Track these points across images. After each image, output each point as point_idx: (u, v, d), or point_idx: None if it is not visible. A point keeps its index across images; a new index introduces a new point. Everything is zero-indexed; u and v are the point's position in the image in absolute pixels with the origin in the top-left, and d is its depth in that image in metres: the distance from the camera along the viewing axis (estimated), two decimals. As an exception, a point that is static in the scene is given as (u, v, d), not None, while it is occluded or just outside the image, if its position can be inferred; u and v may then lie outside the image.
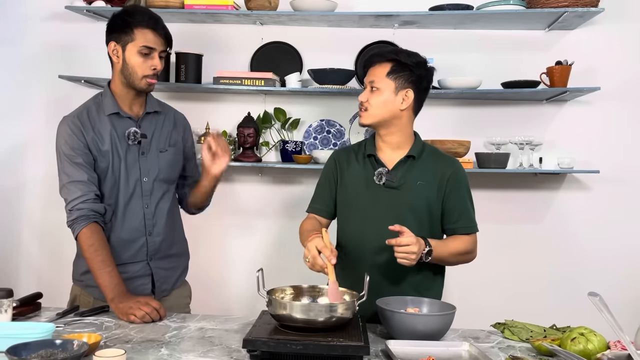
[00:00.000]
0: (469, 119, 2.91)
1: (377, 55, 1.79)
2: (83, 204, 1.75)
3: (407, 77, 1.76)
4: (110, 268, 1.72)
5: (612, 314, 1.18)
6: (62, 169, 1.81)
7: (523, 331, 1.59)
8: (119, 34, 1.81)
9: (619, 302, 1.82)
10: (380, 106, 1.75)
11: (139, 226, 1.86)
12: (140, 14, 1.81)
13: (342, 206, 1.87)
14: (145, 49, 1.79)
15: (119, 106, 1.85)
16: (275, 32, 2.95)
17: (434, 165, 1.82)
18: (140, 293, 1.84)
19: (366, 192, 1.80)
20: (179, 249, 2.00)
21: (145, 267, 1.88)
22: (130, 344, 1.41)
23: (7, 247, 3.04)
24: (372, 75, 1.77)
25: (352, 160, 1.87)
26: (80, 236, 1.74)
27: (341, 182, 1.87)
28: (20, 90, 3.02)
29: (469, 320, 1.74)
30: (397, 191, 1.78)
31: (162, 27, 1.83)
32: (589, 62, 2.82)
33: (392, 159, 1.81)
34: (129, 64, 1.80)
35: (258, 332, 1.36)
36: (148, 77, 1.81)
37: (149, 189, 1.87)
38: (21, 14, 3.01)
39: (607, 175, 2.79)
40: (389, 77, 1.75)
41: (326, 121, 2.94)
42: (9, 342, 1.20)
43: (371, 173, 1.80)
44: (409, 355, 1.35)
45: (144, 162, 1.87)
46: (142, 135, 1.85)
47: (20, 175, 3.05)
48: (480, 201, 2.89)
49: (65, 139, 1.81)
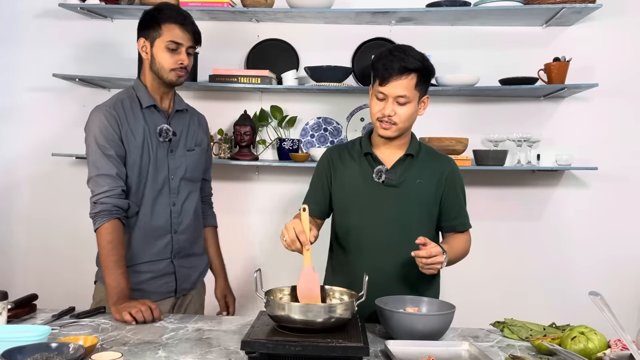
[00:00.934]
0: (467, 116, 2.90)
1: (402, 68, 1.67)
2: (108, 198, 1.74)
3: (428, 84, 1.75)
4: (122, 270, 1.71)
5: (614, 313, 1.17)
6: (92, 161, 1.79)
7: (523, 330, 1.59)
8: (147, 30, 1.83)
9: (617, 300, 1.81)
10: (409, 119, 1.73)
11: (165, 224, 1.86)
12: (169, 10, 1.83)
13: (340, 205, 1.84)
14: (172, 44, 1.80)
15: (153, 98, 1.86)
16: (272, 29, 2.93)
17: (431, 164, 1.82)
18: (164, 291, 1.86)
19: (365, 190, 1.79)
20: (200, 248, 2.01)
21: (169, 265, 1.88)
22: (127, 346, 1.40)
23: (2, 248, 3.01)
24: (400, 88, 1.68)
25: (347, 159, 1.85)
26: (100, 230, 1.73)
27: (336, 181, 1.84)
28: (13, 89, 2.99)
29: (467, 319, 1.73)
30: (396, 189, 1.77)
31: (190, 23, 1.84)
32: (586, 59, 2.81)
33: (390, 157, 1.80)
34: (156, 59, 1.82)
35: (256, 334, 1.35)
36: (175, 70, 1.82)
37: (176, 187, 1.88)
38: (14, 11, 2.98)
39: (605, 171, 2.79)
40: (417, 88, 1.71)
41: (323, 119, 2.93)
42: (3, 346, 1.18)
43: (369, 171, 1.79)
44: (409, 355, 1.34)
45: (172, 159, 1.87)
46: (173, 133, 1.86)
47: (14, 174, 3.02)
48: (478, 198, 2.91)
49: (101, 129, 1.79)
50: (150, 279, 1.84)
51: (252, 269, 2.87)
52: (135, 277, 1.79)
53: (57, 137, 2.96)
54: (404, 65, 1.67)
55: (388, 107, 1.70)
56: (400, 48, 1.73)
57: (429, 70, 1.73)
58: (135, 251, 1.82)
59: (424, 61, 1.71)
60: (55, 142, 2.94)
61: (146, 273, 1.84)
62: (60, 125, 2.98)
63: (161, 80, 1.84)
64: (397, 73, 1.67)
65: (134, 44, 2.74)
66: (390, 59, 1.68)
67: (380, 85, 1.70)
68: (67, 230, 2.99)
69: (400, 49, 1.72)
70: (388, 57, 1.69)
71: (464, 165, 2.68)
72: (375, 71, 1.73)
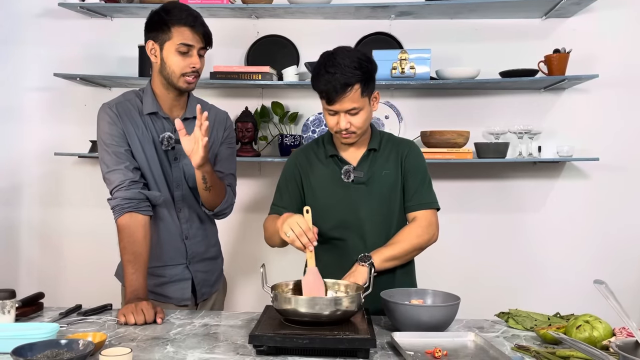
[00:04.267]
0: (468, 109, 2.90)
1: (342, 86, 1.62)
2: (118, 192, 1.73)
3: (373, 83, 1.72)
4: (134, 270, 1.68)
5: (618, 301, 1.17)
6: (101, 159, 1.78)
7: (527, 320, 1.59)
8: (156, 33, 1.75)
9: (620, 289, 1.81)
10: (365, 123, 1.72)
11: (176, 230, 1.85)
12: (179, 11, 1.74)
13: (314, 208, 1.73)
14: (183, 46, 1.73)
15: (159, 105, 1.82)
16: (271, 26, 2.93)
17: (393, 152, 1.82)
18: (180, 297, 1.86)
19: (336, 191, 1.79)
20: (214, 252, 1.99)
21: (185, 271, 1.87)
22: (135, 342, 1.41)
23: (7, 248, 3.02)
24: (347, 103, 1.65)
25: (314, 161, 1.84)
26: (117, 227, 1.73)
27: (307, 186, 1.83)
28: (15, 89, 3.00)
29: (472, 310, 1.74)
30: (366, 186, 1.78)
31: (200, 23, 1.76)
32: (586, 50, 2.81)
33: (355, 155, 1.80)
34: (167, 63, 1.75)
35: (264, 328, 1.35)
36: (187, 74, 1.75)
37: (181, 194, 1.85)
38: (14, 11, 2.98)
39: (607, 162, 2.80)
40: (364, 95, 1.67)
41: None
42: (14, 343, 1.19)
43: (336, 171, 1.79)
44: (416, 346, 1.34)
45: (176, 168, 1.84)
46: (177, 141, 1.79)
47: (17, 174, 3.03)
48: (480, 191, 2.93)
49: (105, 127, 1.78)
50: (166, 282, 1.85)
51: (255, 265, 2.89)
52: (152, 280, 1.79)
53: (60, 137, 2.97)
54: (344, 82, 1.62)
55: (342, 121, 1.68)
56: (335, 61, 1.64)
57: (370, 73, 1.68)
58: (152, 255, 1.79)
59: (361, 66, 1.65)
60: (57, 141, 2.95)
61: (162, 277, 1.84)
62: (63, 125, 2.99)
63: (171, 86, 1.78)
64: (340, 91, 1.63)
65: (134, 42, 2.78)
66: (327, 79, 1.63)
67: (328, 104, 1.67)
68: (71, 230, 3.01)
69: (335, 63, 1.63)
70: (325, 75, 1.64)
71: (466, 158, 2.69)
72: (317, 90, 1.69)
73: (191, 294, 1.89)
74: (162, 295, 1.85)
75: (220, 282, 2.03)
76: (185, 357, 1.30)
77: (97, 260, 2.84)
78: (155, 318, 1.58)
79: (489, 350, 1.33)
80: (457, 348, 1.36)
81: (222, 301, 2.07)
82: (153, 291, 1.82)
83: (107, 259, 2.16)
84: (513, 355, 1.34)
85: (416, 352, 1.31)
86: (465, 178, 2.93)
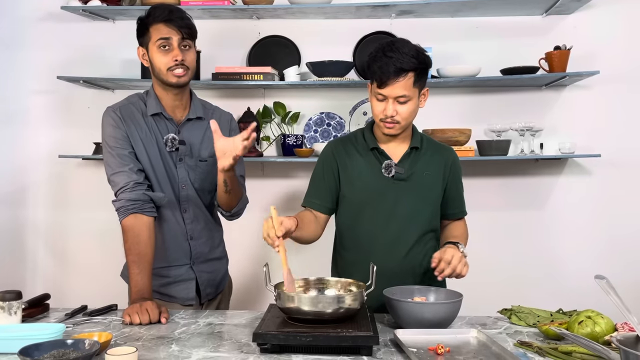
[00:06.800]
0: (469, 107, 2.91)
1: (398, 70, 1.64)
2: (122, 194, 1.74)
3: (426, 77, 1.74)
4: (138, 270, 1.69)
5: (620, 296, 1.18)
6: (105, 162, 1.80)
7: (530, 316, 1.60)
8: (142, 38, 1.81)
9: (621, 285, 1.81)
10: (411, 115, 1.73)
11: (180, 230, 1.86)
12: (154, 10, 1.77)
13: (349, 200, 1.82)
14: (161, 41, 1.74)
15: (162, 107, 1.83)
16: (272, 26, 2.94)
17: (436, 155, 1.83)
18: (184, 297, 1.86)
19: (375, 185, 1.78)
20: (219, 253, 2.00)
21: (189, 271, 1.88)
22: (140, 341, 1.42)
23: (13, 250, 3.04)
24: (399, 89, 1.66)
25: (353, 152, 1.83)
26: (121, 229, 1.74)
27: (344, 176, 1.82)
28: (19, 92, 3.02)
29: (474, 307, 1.75)
30: (406, 183, 1.77)
31: (177, 17, 1.76)
32: (587, 46, 2.81)
33: (396, 151, 1.80)
34: (154, 62, 1.78)
35: (267, 326, 1.37)
36: (172, 68, 1.75)
37: (186, 195, 1.86)
38: (17, 15, 3.00)
39: (608, 158, 2.80)
40: (416, 85, 1.69)
41: (326, 114, 2.94)
42: (20, 344, 1.20)
43: (376, 165, 1.78)
44: (418, 343, 1.35)
45: (180, 169, 1.85)
46: (181, 142, 1.81)
47: (22, 177, 3.05)
48: (482, 188, 2.93)
49: (109, 130, 1.80)
50: (171, 283, 1.86)
51: (258, 264, 2.89)
52: (157, 280, 1.81)
53: (64, 139, 2.99)
54: (400, 67, 1.64)
55: (389, 108, 1.68)
56: (394, 46, 1.66)
57: (425, 65, 1.70)
58: (157, 255, 1.80)
59: (419, 56, 1.67)
60: (61, 143, 2.97)
61: (166, 277, 1.85)
62: (66, 127, 3.01)
63: (165, 85, 1.79)
64: (394, 75, 1.64)
65: (136, 45, 2.78)
66: (385, 62, 1.65)
67: (379, 87, 1.68)
68: (76, 231, 3.02)
69: (394, 48, 1.66)
70: (382, 59, 1.66)
71: (468, 156, 2.69)
72: (371, 73, 1.70)
73: (195, 294, 1.90)
74: (167, 295, 1.87)
75: (225, 283, 2.04)
76: (190, 355, 1.32)
77: (102, 261, 2.86)
78: (159, 318, 1.59)
79: (491, 346, 1.34)
80: (459, 345, 1.37)
81: (228, 301, 2.07)
82: (158, 291, 1.83)
83: (112, 260, 2.18)
84: (516, 351, 1.35)
85: (419, 349, 1.32)
86: (467, 176, 2.89)
